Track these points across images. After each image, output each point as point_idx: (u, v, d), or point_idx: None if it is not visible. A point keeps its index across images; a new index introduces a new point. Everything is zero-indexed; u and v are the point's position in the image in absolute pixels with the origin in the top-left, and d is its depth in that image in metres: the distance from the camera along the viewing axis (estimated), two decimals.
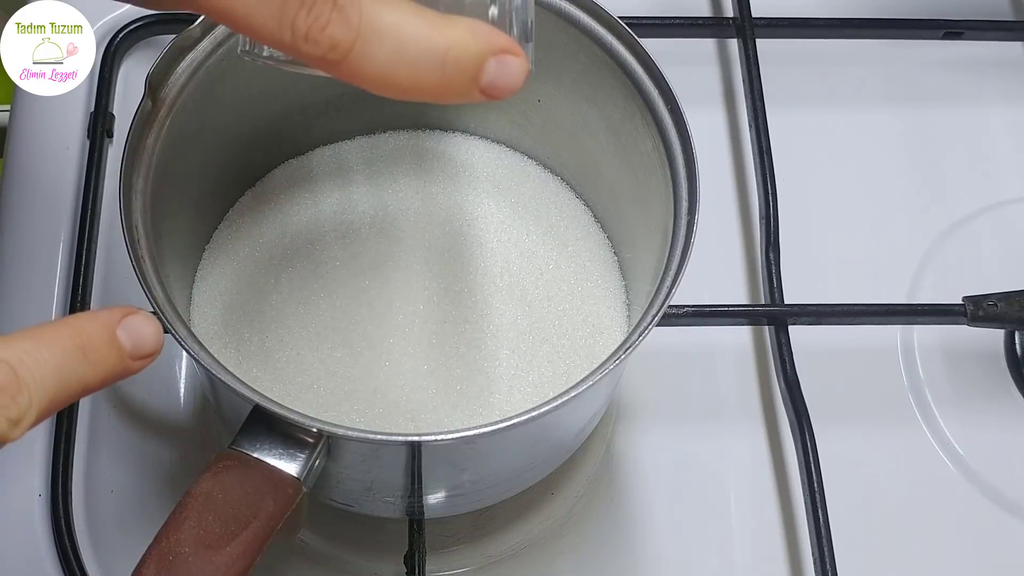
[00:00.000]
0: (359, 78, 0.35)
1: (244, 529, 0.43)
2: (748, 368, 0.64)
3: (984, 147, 0.72)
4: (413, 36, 0.34)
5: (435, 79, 0.35)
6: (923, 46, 0.73)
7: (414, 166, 0.60)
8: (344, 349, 0.54)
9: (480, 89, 0.35)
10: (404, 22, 0.34)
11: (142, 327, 0.37)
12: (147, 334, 0.37)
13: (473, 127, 0.61)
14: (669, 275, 0.48)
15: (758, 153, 0.66)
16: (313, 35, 0.34)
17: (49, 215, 0.64)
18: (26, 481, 0.58)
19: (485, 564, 0.59)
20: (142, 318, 0.37)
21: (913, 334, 0.65)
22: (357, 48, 0.34)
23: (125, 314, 0.37)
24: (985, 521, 0.61)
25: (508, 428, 0.44)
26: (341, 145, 0.61)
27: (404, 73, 0.35)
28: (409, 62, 0.34)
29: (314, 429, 0.44)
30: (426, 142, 0.61)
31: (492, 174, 0.60)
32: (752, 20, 0.70)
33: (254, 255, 0.57)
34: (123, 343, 0.36)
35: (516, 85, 0.36)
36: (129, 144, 0.48)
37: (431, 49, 0.35)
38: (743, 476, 0.62)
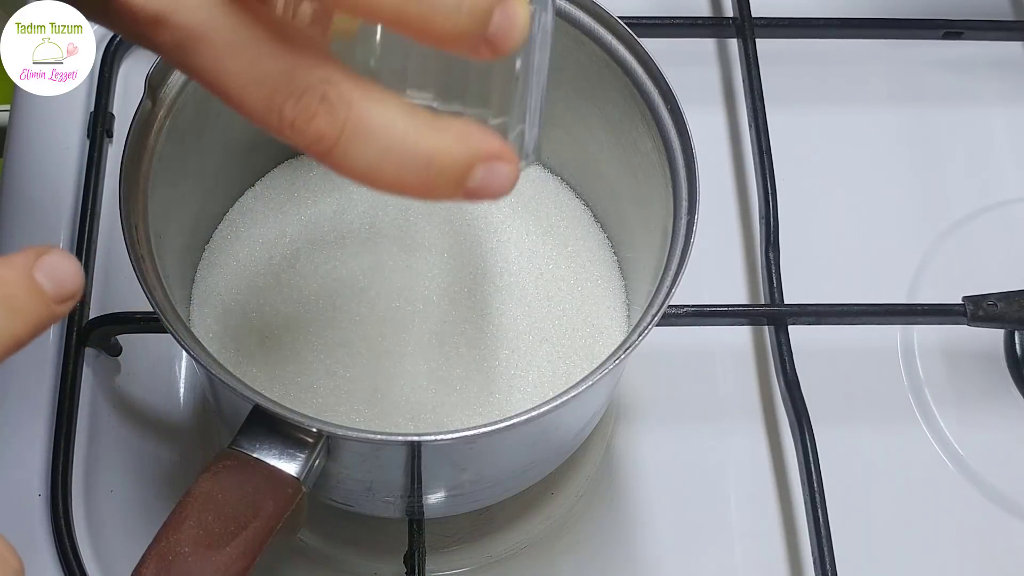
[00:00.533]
0: (343, 171, 0.34)
1: (244, 529, 0.43)
2: (748, 368, 0.64)
3: (984, 147, 0.72)
4: (400, 138, 0.34)
5: (419, 181, 0.34)
6: (923, 46, 0.73)
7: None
8: (343, 349, 0.54)
9: (464, 193, 0.35)
10: (392, 123, 0.34)
11: (60, 265, 0.34)
12: (67, 272, 0.34)
13: None
14: (669, 275, 0.48)
15: (758, 153, 0.66)
16: (299, 125, 0.33)
17: (49, 215, 0.64)
18: (26, 481, 0.58)
19: (485, 564, 0.59)
20: (58, 255, 0.34)
21: (913, 334, 0.65)
22: (342, 143, 0.33)
23: (39, 254, 0.34)
24: (985, 521, 0.61)
25: (508, 428, 0.44)
26: None
27: (389, 172, 0.34)
28: (394, 163, 0.34)
29: (314, 429, 0.44)
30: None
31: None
32: (752, 20, 0.70)
33: (254, 255, 0.57)
34: (44, 286, 0.34)
35: (503, 192, 0.35)
36: (129, 144, 0.48)
37: (417, 153, 0.34)
38: (743, 476, 0.62)
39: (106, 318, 0.60)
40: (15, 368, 0.60)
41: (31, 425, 0.59)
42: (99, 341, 0.61)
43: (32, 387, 0.60)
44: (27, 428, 0.59)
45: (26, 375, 0.60)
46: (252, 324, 0.55)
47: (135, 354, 0.62)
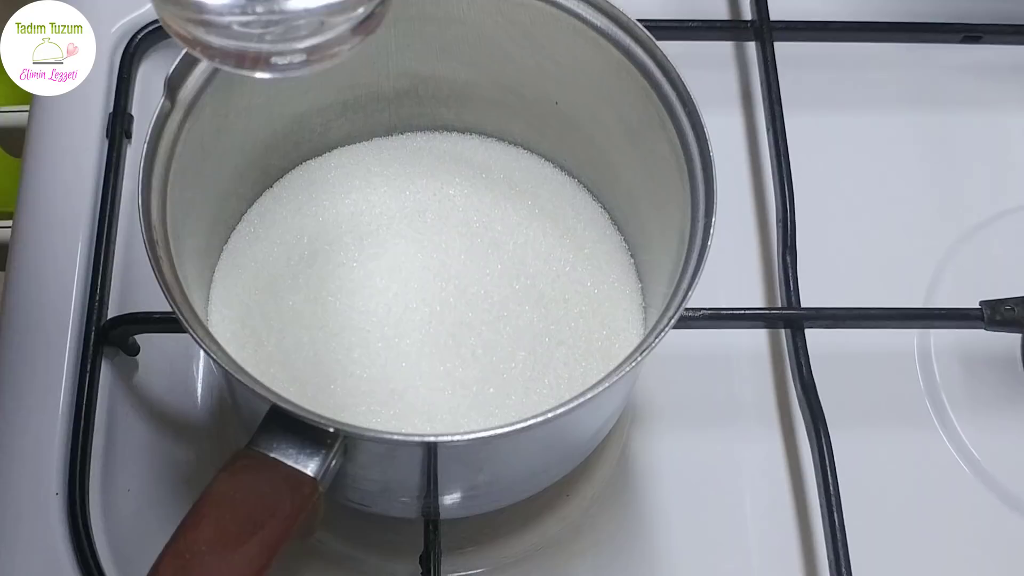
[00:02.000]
0: None
1: (261, 529, 0.43)
2: (764, 371, 0.64)
3: (1002, 151, 0.72)
4: None
5: None
6: (942, 50, 0.73)
7: (431, 168, 0.60)
8: (361, 350, 0.54)
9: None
10: None
11: None
12: None
13: (491, 130, 0.61)
14: (686, 278, 0.48)
15: (775, 156, 0.66)
16: None
17: (68, 215, 0.64)
18: (43, 480, 0.58)
19: (500, 565, 0.59)
20: None
21: (930, 338, 0.65)
22: None
23: None
24: (1001, 526, 0.61)
25: (524, 430, 0.44)
26: (359, 147, 0.61)
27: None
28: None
29: (331, 429, 0.44)
30: (443, 144, 0.61)
31: (509, 176, 0.60)
32: (770, 23, 0.70)
33: (272, 256, 0.57)
34: None
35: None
36: (148, 144, 0.48)
37: None
38: (759, 479, 0.62)
39: (124, 318, 0.60)
40: (33, 367, 0.60)
41: (49, 424, 0.59)
42: (117, 341, 0.61)
43: (50, 386, 0.60)
44: (45, 427, 0.59)
45: (44, 374, 0.60)
46: (270, 324, 0.55)
47: (153, 354, 0.62)
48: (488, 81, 0.59)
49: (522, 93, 0.59)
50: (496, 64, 0.58)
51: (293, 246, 0.57)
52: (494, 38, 0.56)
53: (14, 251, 0.64)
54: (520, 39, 0.56)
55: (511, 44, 0.56)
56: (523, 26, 0.55)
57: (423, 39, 0.57)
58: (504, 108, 0.60)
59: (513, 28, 0.55)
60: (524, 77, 0.58)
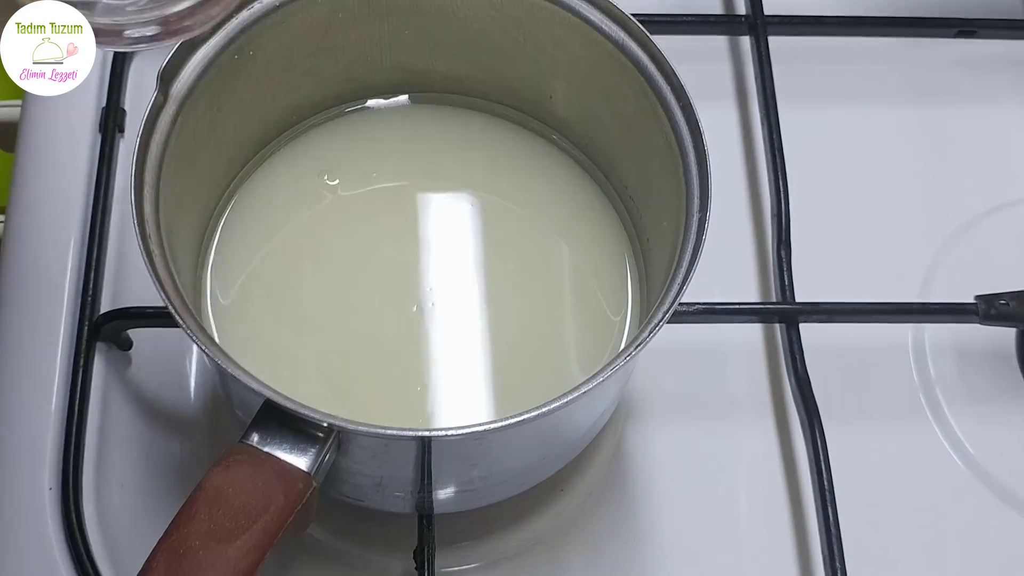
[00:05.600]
0: None
1: (254, 523, 0.43)
2: (759, 366, 0.64)
3: (997, 145, 0.72)
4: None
5: None
6: (936, 44, 0.73)
7: (428, 163, 0.60)
8: (355, 345, 0.54)
9: None
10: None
11: None
12: None
13: (484, 123, 0.61)
14: (680, 272, 0.47)
15: (770, 150, 0.66)
16: None
17: (60, 210, 0.64)
18: (37, 475, 0.58)
19: (494, 560, 0.59)
20: None
21: (924, 333, 0.65)
22: None
23: None
24: (995, 520, 0.61)
25: (518, 424, 0.44)
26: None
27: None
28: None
29: (325, 424, 0.44)
30: (438, 138, 0.61)
31: (505, 169, 0.60)
32: (764, 17, 0.70)
33: (264, 251, 0.57)
34: None
35: None
36: (141, 139, 0.48)
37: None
38: (753, 474, 0.62)
39: (117, 312, 0.60)
40: (26, 362, 0.60)
41: (42, 419, 0.59)
42: (110, 336, 0.61)
43: (43, 381, 0.60)
44: (38, 422, 0.59)
45: (37, 369, 0.60)
46: (263, 319, 0.55)
47: (146, 349, 0.62)
48: (482, 75, 0.59)
49: (516, 87, 0.59)
50: (490, 58, 0.57)
51: (286, 241, 0.57)
52: (488, 32, 0.56)
53: (6, 246, 0.64)
54: (514, 33, 0.56)
55: (505, 38, 0.56)
56: (517, 20, 0.55)
57: (416, 33, 0.57)
58: (498, 102, 0.60)
59: (507, 22, 0.55)
60: (518, 71, 0.58)
